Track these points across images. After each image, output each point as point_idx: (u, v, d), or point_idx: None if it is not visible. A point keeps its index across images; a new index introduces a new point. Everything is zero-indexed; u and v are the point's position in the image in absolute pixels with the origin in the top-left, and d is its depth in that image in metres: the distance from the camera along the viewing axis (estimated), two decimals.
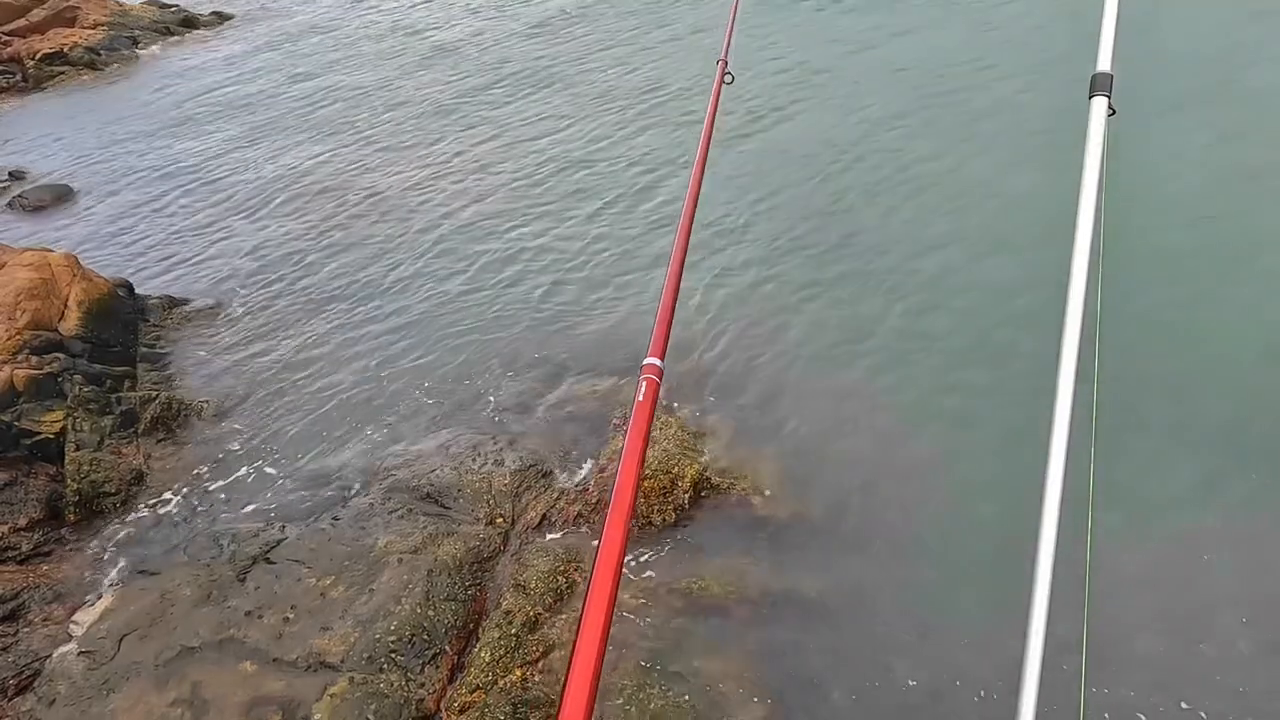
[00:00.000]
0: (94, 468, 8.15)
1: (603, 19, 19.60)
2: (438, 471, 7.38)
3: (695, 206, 3.16)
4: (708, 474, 6.76)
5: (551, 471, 7.27)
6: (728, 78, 4.43)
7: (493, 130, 14.96)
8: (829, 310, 8.47)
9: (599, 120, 14.10)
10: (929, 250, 8.77)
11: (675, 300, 2.62)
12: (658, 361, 2.35)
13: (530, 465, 7.32)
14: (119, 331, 10.32)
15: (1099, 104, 2.05)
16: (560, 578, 6.20)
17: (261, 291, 11.47)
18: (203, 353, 10.31)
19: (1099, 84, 2.07)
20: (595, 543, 1.94)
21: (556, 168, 12.84)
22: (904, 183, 10.00)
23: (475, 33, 21.88)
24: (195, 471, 8.20)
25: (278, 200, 14.20)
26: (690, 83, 14.46)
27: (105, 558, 7.28)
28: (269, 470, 8.03)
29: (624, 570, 1.78)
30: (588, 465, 7.24)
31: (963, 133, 10.60)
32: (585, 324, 9.11)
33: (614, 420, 7.60)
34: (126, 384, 9.64)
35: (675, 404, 7.62)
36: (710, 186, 9.81)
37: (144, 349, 10.40)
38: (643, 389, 2.22)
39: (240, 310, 11.12)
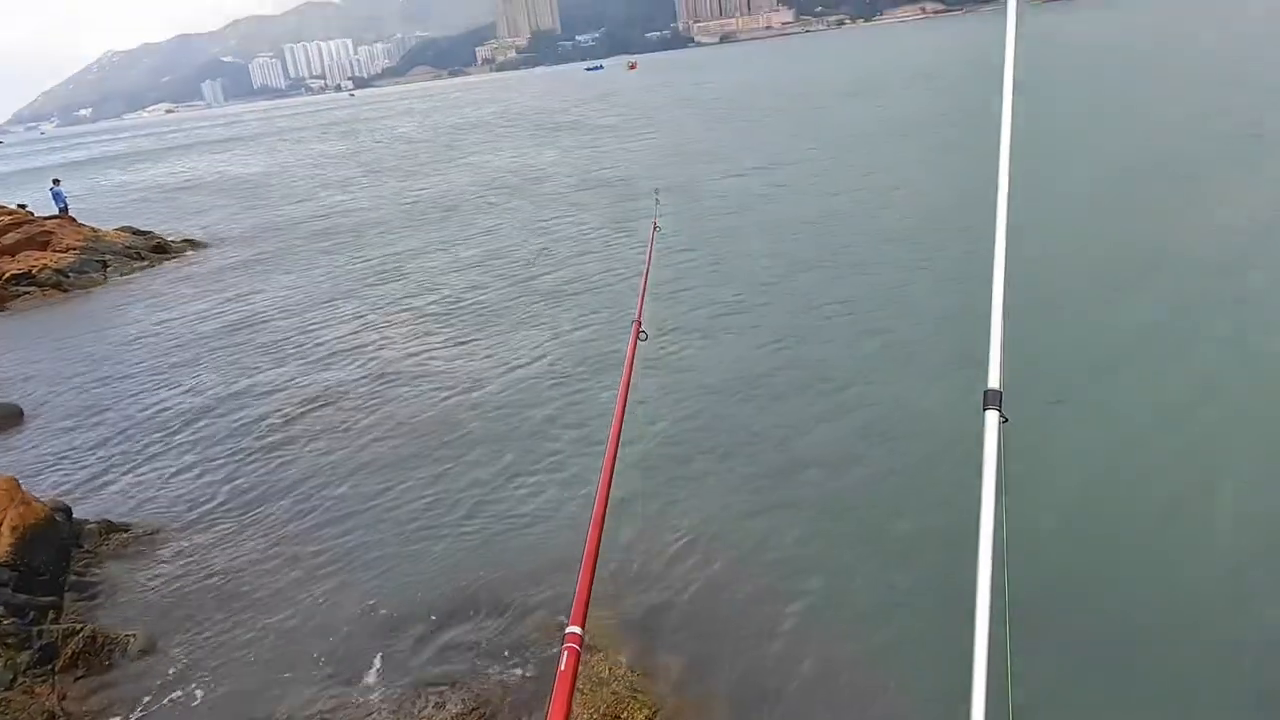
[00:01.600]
0: (1, 710, 7.67)
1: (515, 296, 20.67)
2: None
3: (611, 475, 3.18)
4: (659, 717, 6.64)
5: None
6: (642, 336, 4.70)
7: (441, 381, 15.22)
8: (760, 542, 8.71)
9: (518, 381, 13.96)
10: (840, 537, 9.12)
11: (595, 565, 2.63)
12: (579, 630, 2.30)
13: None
14: (51, 558, 10.02)
15: (992, 417, 2.40)
16: None
17: (203, 518, 11.32)
18: (136, 582, 10.00)
19: (990, 399, 2.43)
20: None
21: (480, 422, 12.69)
22: (795, 480, 10.29)
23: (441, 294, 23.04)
24: (112, 715, 7.75)
25: (224, 427, 14.32)
26: (604, 340, 14.68)
27: None
28: (194, 711, 7.63)
29: None
30: None
31: (860, 445, 10.62)
32: (512, 591, 8.85)
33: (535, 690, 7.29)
34: (50, 615, 9.25)
35: (616, 646, 7.55)
36: (629, 432, 10.19)
37: (74, 577, 10.06)
38: (564, 659, 2.18)
39: (179, 537, 10.91)
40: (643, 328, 4.83)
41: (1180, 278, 15.79)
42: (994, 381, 2.48)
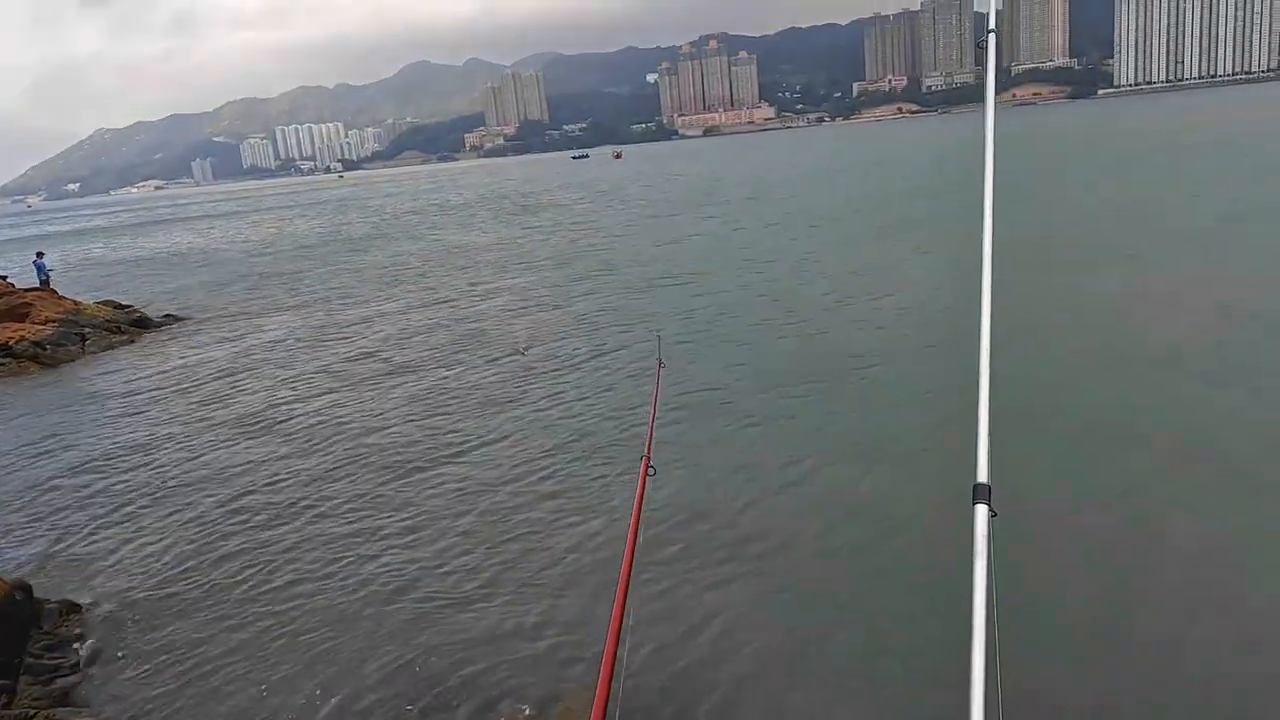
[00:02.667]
0: None
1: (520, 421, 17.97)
2: None
3: (624, 611, 3.15)
4: None
5: None
6: (651, 471, 4.61)
7: (413, 489, 14.84)
8: (771, 661, 8.57)
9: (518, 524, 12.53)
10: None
11: (606, 706, 2.62)
12: None
13: None
14: (8, 639, 9.67)
15: (981, 511, 2.42)
16: None
17: (168, 599, 11.00)
18: (97, 666, 9.66)
19: (979, 494, 2.46)
20: None
21: (484, 552, 11.53)
22: (807, 601, 9.82)
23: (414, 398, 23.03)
24: None
25: (191, 504, 14.07)
26: (612, 476, 13.53)
27: None
28: None
29: None
30: None
31: (856, 549, 10.63)
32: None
33: None
34: (3, 699, 8.89)
35: None
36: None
37: (31, 659, 9.70)
38: None
39: (143, 619, 10.58)
40: (651, 462, 4.76)
41: (1160, 365, 16.22)
42: (983, 475, 2.52)
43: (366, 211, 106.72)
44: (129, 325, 32.31)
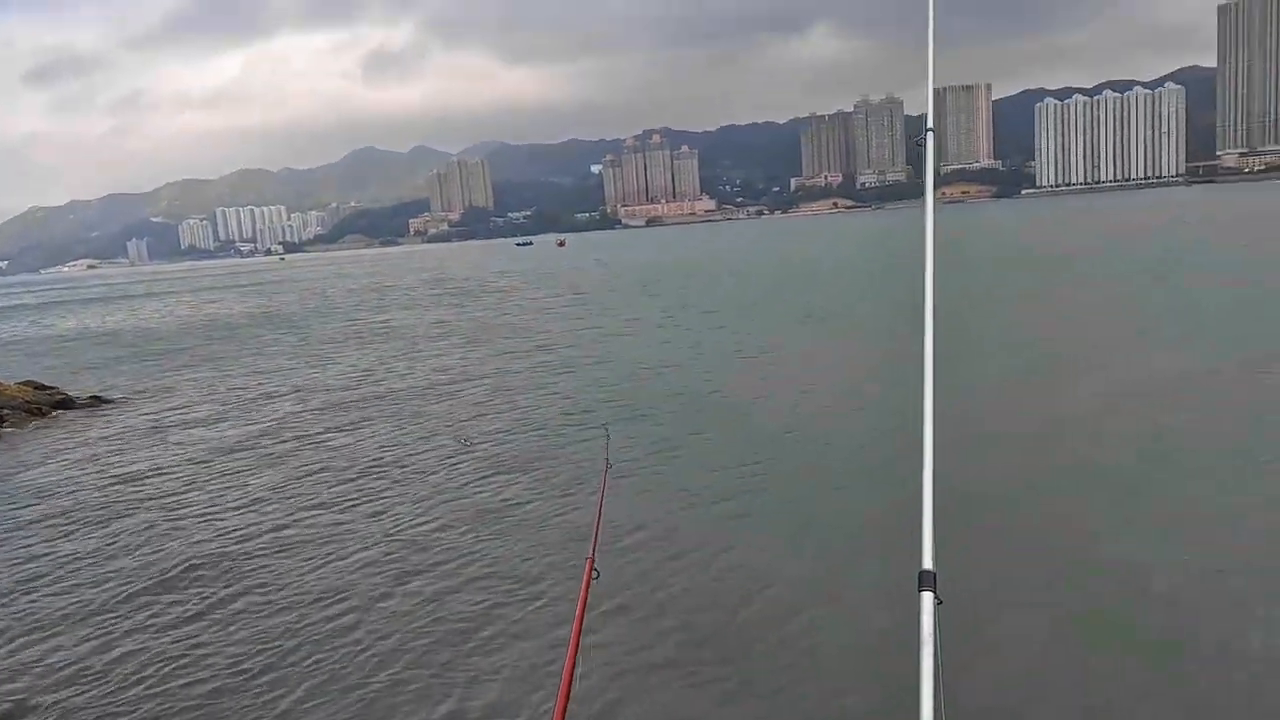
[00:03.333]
0: None
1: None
2: None
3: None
4: None
5: None
6: (595, 574, 4.52)
7: (346, 574, 14.38)
8: None
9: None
10: None
11: None
12: None
13: None
14: None
15: (927, 598, 2.42)
16: None
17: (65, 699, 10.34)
18: None
19: (925, 580, 2.46)
20: None
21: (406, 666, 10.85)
22: (755, 703, 9.63)
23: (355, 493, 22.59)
24: None
25: (93, 598, 13.40)
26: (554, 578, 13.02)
27: None
28: None
29: None
30: None
31: (805, 644, 10.54)
32: None
33: None
34: None
35: None
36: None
37: None
38: None
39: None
40: (595, 564, 4.67)
41: (1096, 447, 16.71)
42: (928, 562, 2.52)
43: (305, 293, 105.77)
44: (50, 407, 31.13)
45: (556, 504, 16.34)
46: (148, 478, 20.79)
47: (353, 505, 17.30)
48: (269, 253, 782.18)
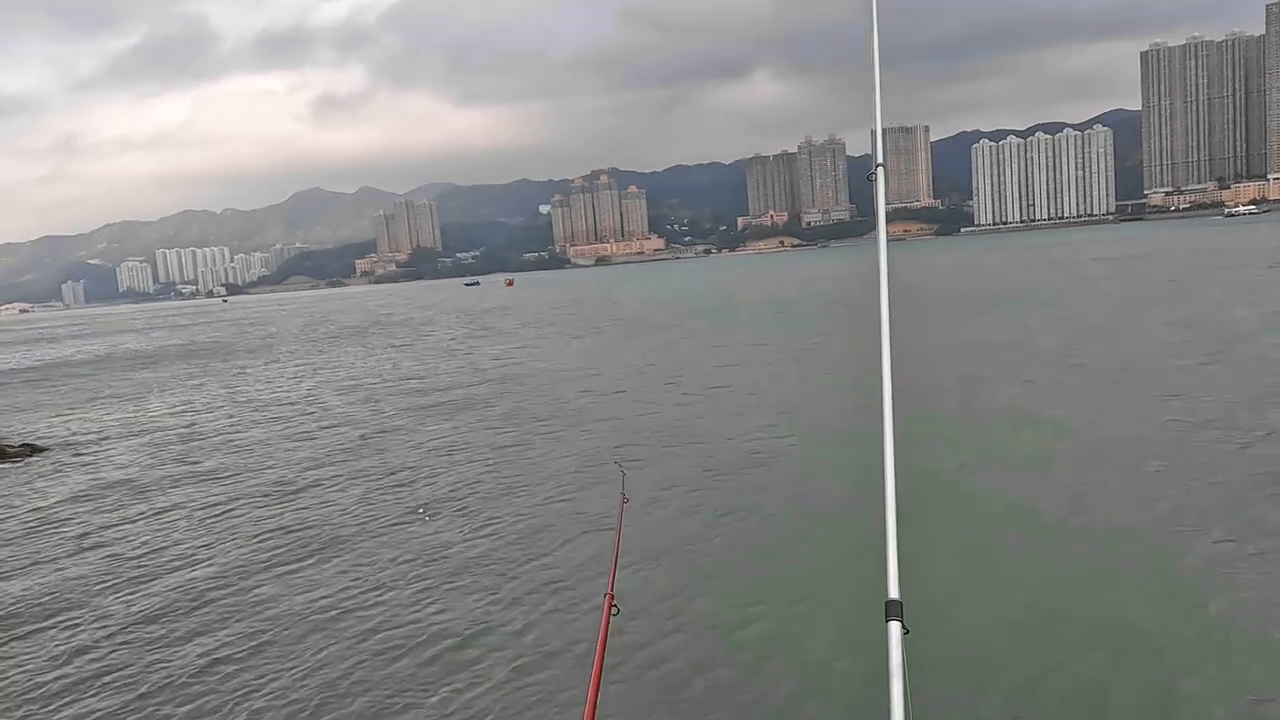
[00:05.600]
0: None
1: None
2: None
3: None
4: None
5: None
6: (615, 609, 4.52)
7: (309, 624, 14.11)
8: None
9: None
10: None
11: None
12: None
13: None
14: None
15: (894, 628, 2.44)
16: None
17: None
18: None
19: (892, 610, 2.49)
20: None
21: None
22: None
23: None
24: None
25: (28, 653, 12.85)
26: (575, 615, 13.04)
27: None
28: None
29: None
30: None
31: (772, 666, 10.81)
32: None
33: None
34: None
35: None
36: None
37: None
38: None
39: None
40: (615, 600, 4.67)
41: (1063, 474, 17.10)
42: (894, 592, 2.55)
43: (248, 334, 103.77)
44: None
45: (574, 538, 16.37)
46: (77, 527, 20.03)
47: (363, 540, 16.86)
48: (210, 294, 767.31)
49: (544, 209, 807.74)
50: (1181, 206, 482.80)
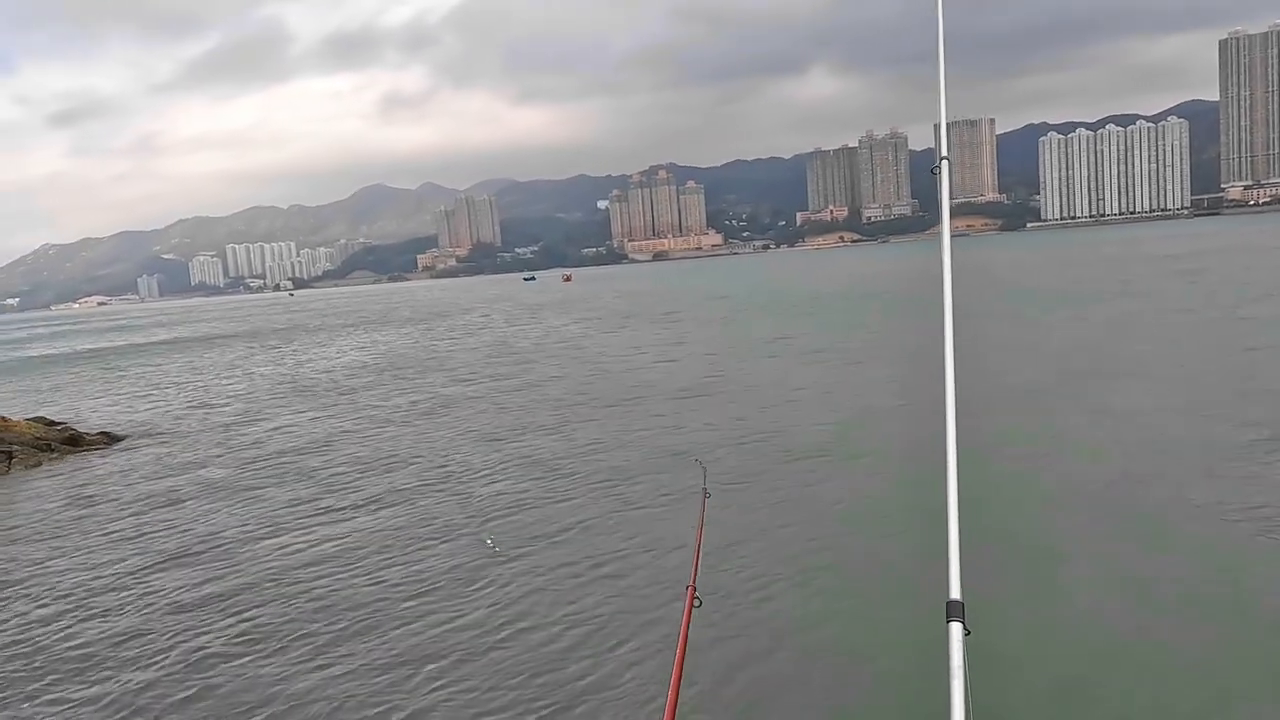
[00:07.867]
0: None
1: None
2: None
3: None
4: None
5: None
6: (697, 602, 4.43)
7: (415, 630, 13.73)
8: None
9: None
10: None
11: None
12: None
13: None
14: None
15: (955, 629, 2.41)
16: None
17: None
18: None
19: (953, 611, 2.45)
20: None
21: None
22: None
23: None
24: None
25: (100, 638, 13.35)
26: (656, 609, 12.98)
27: None
28: None
29: None
30: None
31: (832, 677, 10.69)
32: None
33: None
34: None
35: None
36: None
37: None
38: None
39: None
40: (697, 593, 4.61)
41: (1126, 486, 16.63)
42: (955, 592, 2.51)
43: (316, 329, 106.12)
44: (60, 444, 31.17)
45: (655, 533, 16.44)
46: (155, 521, 20.61)
47: (444, 537, 17.21)
48: (278, 288, 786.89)
49: (602, 204, 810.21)
50: (1262, 200, 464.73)
